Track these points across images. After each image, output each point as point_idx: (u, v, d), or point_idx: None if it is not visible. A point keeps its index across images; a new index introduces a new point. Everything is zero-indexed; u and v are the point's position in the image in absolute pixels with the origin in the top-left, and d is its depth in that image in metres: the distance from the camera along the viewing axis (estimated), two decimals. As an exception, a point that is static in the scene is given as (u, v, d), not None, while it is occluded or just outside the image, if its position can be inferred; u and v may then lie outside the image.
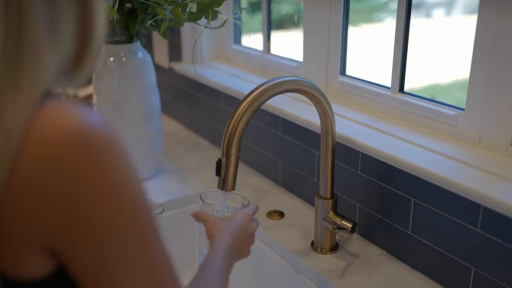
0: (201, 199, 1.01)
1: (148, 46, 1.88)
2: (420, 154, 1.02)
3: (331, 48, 1.32)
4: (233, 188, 0.97)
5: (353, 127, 1.16)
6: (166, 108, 1.90)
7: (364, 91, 1.25)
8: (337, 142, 1.11)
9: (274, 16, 1.61)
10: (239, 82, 1.52)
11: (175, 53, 1.79)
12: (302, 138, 1.30)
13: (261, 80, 1.51)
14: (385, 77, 1.22)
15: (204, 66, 1.69)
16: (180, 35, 1.73)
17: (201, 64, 1.71)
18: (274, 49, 1.58)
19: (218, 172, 0.95)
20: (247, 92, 1.41)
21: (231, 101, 1.55)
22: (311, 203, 1.31)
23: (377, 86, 1.23)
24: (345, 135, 1.12)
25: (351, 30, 1.30)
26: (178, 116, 1.89)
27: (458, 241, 0.97)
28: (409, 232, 1.06)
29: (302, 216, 1.28)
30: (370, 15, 1.73)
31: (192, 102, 1.77)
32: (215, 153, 1.64)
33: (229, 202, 1.00)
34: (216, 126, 1.66)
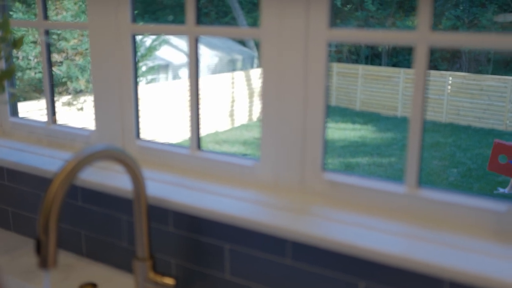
0: None
1: None
2: (226, 203, 1.13)
3: (125, 113, 1.36)
4: (55, 265, 0.93)
5: (159, 188, 1.21)
6: None
7: (164, 153, 1.32)
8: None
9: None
10: (25, 156, 1.44)
11: None
12: (106, 205, 1.30)
13: (50, 152, 1.46)
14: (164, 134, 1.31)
15: (-23, 142, 1.55)
16: None
17: (-27, 140, 1.56)
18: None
19: (38, 251, 0.91)
20: (36, 166, 1.36)
21: (18, 176, 1.45)
22: (123, 268, 1.31)
23: (177, 147, 1.31)
24: (153, 196, 1.17)
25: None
26: None
27: (273, 275, 1.09)
28: (228, 278, 1.15)
29: (117, 283, 1.26)
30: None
31: (-36, 183, 1.59)
32: (1, 236, 1.50)
33: None
34: (0, 206, 1.52)
